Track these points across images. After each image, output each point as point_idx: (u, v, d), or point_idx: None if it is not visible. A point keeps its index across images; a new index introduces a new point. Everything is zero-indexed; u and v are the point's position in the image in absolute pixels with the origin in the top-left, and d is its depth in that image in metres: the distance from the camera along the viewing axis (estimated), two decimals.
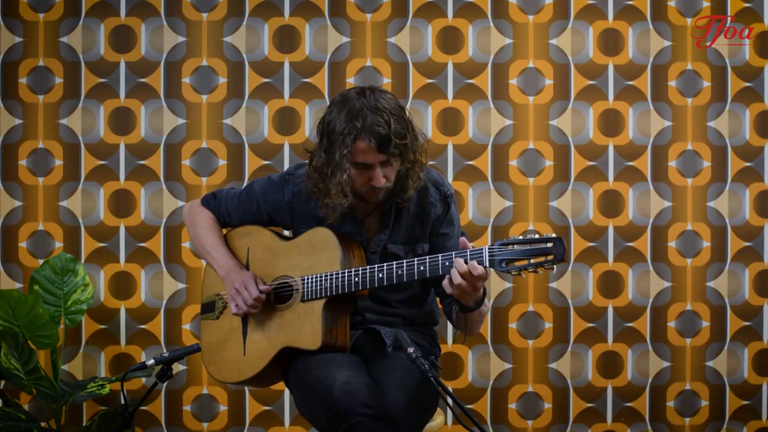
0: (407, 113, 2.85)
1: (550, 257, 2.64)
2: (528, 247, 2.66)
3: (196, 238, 3.11)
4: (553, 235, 2.65)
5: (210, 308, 3.10)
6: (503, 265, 2.67)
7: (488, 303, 2.98)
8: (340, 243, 2.88)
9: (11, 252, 4.24)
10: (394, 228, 2.94)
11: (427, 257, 2.78)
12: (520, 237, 2.67)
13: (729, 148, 4.33)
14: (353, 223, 2.94)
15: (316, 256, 2.90)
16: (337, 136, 2.79)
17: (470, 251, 2.72)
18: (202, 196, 3.17)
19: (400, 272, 2.80)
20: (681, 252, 4.32)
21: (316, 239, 2.92)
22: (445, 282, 2.73)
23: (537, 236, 2.66)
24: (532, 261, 2.65)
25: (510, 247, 2.67)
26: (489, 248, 2.69)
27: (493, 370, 4.30)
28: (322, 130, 2.85)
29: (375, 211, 2.95)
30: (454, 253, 2.74)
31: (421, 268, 2.77)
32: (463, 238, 2.76)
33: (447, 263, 2.74)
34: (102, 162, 4.25)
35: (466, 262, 2.71)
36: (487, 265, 2.69)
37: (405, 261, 2.79)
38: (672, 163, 4.32)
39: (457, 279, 2.71)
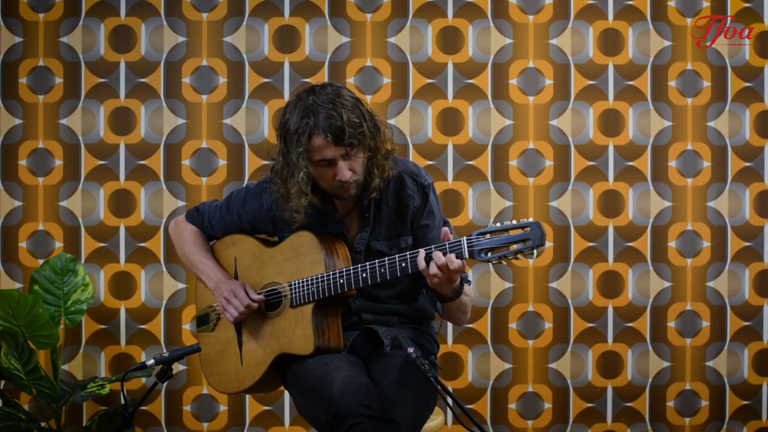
0: (364, 104, 2.82)
1: (528, 242, 2.62)
2: (506, 234, 2.64)
3: (184, 254, 3.13)
4: (530, 220, 2.63)
5: (205, 320, 3.11)
6: (483, 255, 2.66)
7: (471, 292, 2.97)
8: (322, 245, 2.88)
9: (11, 252, 4.24)
10: (375, 225, 2.94)
11: (408, 253, 2.76)
12: (498, 225, 2.65)
13: (729, 148, 4.33)
14: (334, 224, 2.94)
15: (301, 261, 2.91)
16: (291, 137, 2.78)
17: (449, 243, 2.70)
18: (186, 212, 3.18)
19: (383, 270, 2.79)
20: (681, 252, 4.32)
21: (299, 244, 2.92)
22: (422, 270, 2.72)
23: (514, 222, 2.64)
24: (511, 248, 2.64)
25: (488, 235, 2.66)
26: (467, 239, 2.68)
27: (493, 370, 4.30)
28: (279, 133, 2.85)
29: (354, 209, 2.95)
30: (433, 246, 2.73)
31: (403, 264, 2.77)
32: (445, 229, 2.74)
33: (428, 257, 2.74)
34: (102, 162, 4.25)
35: (444, 255, 2.70)
36: (467, 255, 2.67)
37: (387, 258, 2.79)
38: (672, 163, 4.32)
39: (433, 269, 2.70)
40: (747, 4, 4.32)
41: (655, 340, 4.32)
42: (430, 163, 4.24)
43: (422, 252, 2.73)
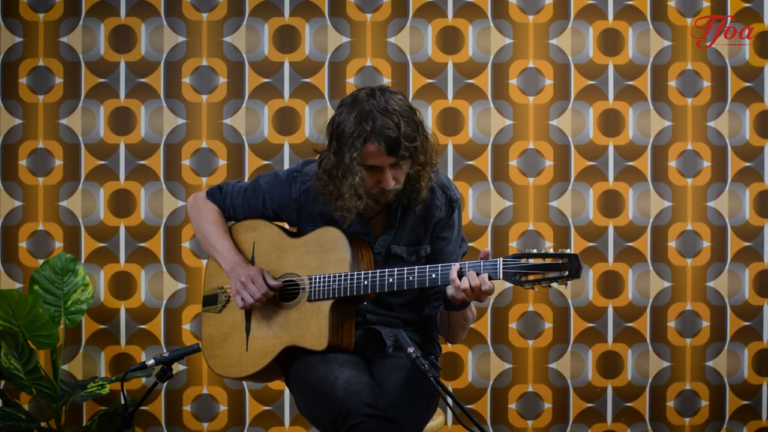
0: (418, 114, 2.82)
1: (565, 273, 2.63)
2: (543, 261, 2.65)
3: (201, 231, 3.09)
4: (569, 251, 2.64)
5: (212, 301, 3.08)
6: (517, 278, 2.66)
7: (474, 309, 2.98)
8: (350, 244, 2.87)
9: (11, 252, 4.24)
10: (399, 229, 2.94)
11: (440, 265, 2.77)
12: (535, 251, 2.67)
13: (729, 148, 4.33)
14: (361, 224, 2.93)
15: (325, 256, 2.90)
16: (346, 139, 2.77)
17: (484, 263, 2.71)
18: (207, 188, 3.15)
19: (411, 278, 2.79)
20: (681, 252, 4.32)
21: (324, 239, 2.91)
22: (455, 284, 2.73)
23: (552, 251, 2.65)
24: (546, 276, 2.65)
25: (524, 260, 2.67)
26: (504, 260, 2.69)
27: (493, 370, 4.29)
28: (331, 131, 2.83)
29: (382, 211, 2.95)
30: (467, 263, 2.74)
31: (433, 275, 2.77)
32: (486, 249, 2.75)
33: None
34: (102, 162, 4.25)
35: (477, 273, 2.70)
36: (501, 277, 2.68)
37: (416, 267, 2.79)
38: (672, 163, 4.32)
39: (465, 285, 2.71)
40: (747, 4, 4.32)
41: (655, 340, 4.32)
42: None
43: (456, 266, 2.73)
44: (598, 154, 4.31)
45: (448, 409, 2.66)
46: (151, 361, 2.88)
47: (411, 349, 2.66)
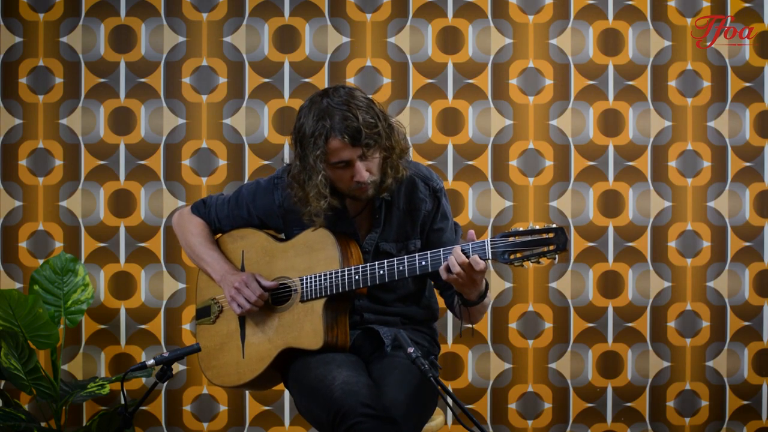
0: (377, 104, 2.83)
1: (552, 247, 2.65)
2: (529, 238, 2.66)
3: (188, 245, 3.11)
4: (554, 225, 2.65)
5: (205, 313, 3.09)
6: (506, 256, 2.68)
7: (490, 295, 2.98)
8: (338, 242, 2.88)
9: (11, 252, 4.24)
10: (385, 226, 2.94)
11: (429, 252, 2.77)
12: (521, 229, 2.68)
13: (729, 148, 4.33)
14: (346, 223, 2.94)
15: (314, 256, 2.90)
16: (308, 140, 2.78)
17: (472, 244, 2.72)
18: (191, 204, 3.17)
19: (401, 268, 2.79)
20: (681, 252, 4.32)
21: (312, 239, 2.91)
22: (442, 269, 2.73)
23: (538, 227, 2.66)
24: (534, 251, 2.66)
25: (511, 238, 2.68)
26: (491, 240, 2.69)
27: (493, 370, 4.30)
28: (294, 138, 2.85)
29: (365, 209, 2.95)
30: (455, 246, 2.74)
31: (423, 263, 2.77)
32: (471, 231, 2.76)
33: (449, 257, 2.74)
34: (102, 162, 4.25)
35: (467, 255, 2.71)
36: (489, 257, 2.69)
37: (406, 257, 2.79)
38: (672, 163, 4.32)
39: (456, 268, 2.71)
40: (747, 4, 4.32)
41: (655, 340, 4.32)
42: (430, 163, 4.24)
43: (443, 255, 2.74)
44: (598, 154, 4.31)
45: (448, 409, 2.66)
46: (151, 361, 2.88)
47: (411, 349, 2.66)
